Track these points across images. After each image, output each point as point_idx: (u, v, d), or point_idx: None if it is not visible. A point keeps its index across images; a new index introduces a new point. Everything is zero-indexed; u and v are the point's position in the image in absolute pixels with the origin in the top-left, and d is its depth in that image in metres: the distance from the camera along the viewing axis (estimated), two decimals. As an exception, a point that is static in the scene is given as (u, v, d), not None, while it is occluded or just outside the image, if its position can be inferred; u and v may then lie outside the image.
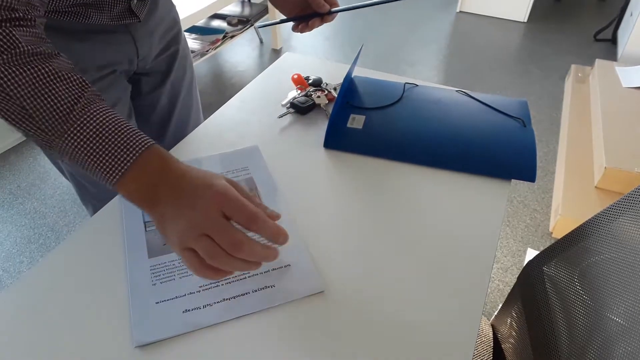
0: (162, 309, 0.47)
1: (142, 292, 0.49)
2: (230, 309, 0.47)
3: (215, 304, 0.48)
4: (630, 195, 0.51)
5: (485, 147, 0.68)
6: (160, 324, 0.46)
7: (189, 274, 0.51)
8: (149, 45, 0.78)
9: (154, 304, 0.48)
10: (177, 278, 0.50)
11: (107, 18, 0.67)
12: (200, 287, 0.49)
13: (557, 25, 3.31)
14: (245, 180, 0.64)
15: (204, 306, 0.47)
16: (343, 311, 0.48)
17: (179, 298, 0.48)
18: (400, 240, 0.56)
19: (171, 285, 0.50)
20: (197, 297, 0.48)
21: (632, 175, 1.60)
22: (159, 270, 0.51)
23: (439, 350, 0.44)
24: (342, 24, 3.32)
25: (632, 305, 0.47)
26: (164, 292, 0.49)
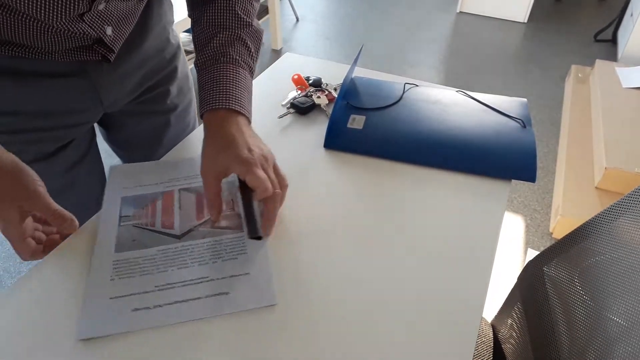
0: (113, 305, 0.47)
1: (99, 286, 0.48)
2: (179, 312, 0.47)
3: (166, 306, 0.47)
4: (630, 196, 0.51)
5: (485, 148, 0.68)
6: (107, 320, 0.45)
7: (149, 272, 0.50)
8: (119, 93, 0.67)
9: (108, 299, 0.47)
10: (137, 275, 0.50)
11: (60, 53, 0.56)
12: (156, 286, 0.49)
13: (557, 25, 3.31)
14: (226, 183, 0.59)
15: (154, 306, 0.47)
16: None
17: (134, 295, 0.48)
18: (400, 240, 0.56)
19: (129, 282, 0.49)
20: (151, 296, 0.48)
21: (632, 175, 1.60)
22: (121, 265, 0.51)
23: (439, 351, 0.44)
24: (343, 24, 3.32)
25: (633, 305, 0.47)
26: (120, 289, 0.48)
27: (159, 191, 0.60)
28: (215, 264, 0.51)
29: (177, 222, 0.56)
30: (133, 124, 0.76)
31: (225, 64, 0.58)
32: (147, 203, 0.58)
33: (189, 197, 0.59)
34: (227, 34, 0.60)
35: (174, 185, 0.61)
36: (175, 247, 0.53)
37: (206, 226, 0.56)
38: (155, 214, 0.57)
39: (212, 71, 0.58)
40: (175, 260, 0.52)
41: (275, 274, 0.51)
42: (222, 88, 0.56)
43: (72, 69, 0.59)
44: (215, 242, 0.54)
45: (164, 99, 0.76)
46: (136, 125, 0.76)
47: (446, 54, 2.93)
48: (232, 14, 0.61)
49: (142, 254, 0.52)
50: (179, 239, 0.54)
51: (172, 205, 0.58)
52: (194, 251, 0.53)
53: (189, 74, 0.82)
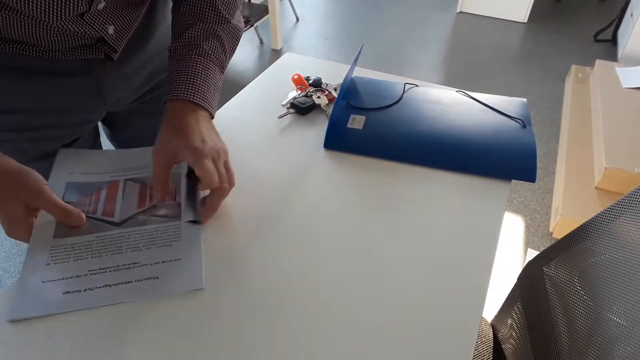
0: (45, 288, 0.48)
1: (34, 270, 0.49)
2: (108, 295, 0.48)
3: (97, 289, 0.48)
4: (630, 196, 0.51)
5: (485, 148, 0.68)
6: (37, 302, 0.46)
7: (84, 258, 0.51)
8: (123, 92, 0.67)
9: (40, 283, 0.48)
10: (71, 260, 0.51)
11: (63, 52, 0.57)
12: (89, 270, 0.50)
13: (557, 25, 3.31)
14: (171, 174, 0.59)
15: (84, 290, 0.48)
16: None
17: (66, 279, 0.49)
18: (400, 240, 0.56)
19: (63, 267, 0.50)
20: (83, 280, 0.49)
21: (632, 175, 1.60)
22: (58, 251, 0.51)
23: (439, 351, 0.44)
24: (342, 24, 3.32)
25: (633, 305, 0.47)
26: (54, 273, 0.49)
27: (105, 180, 0.60)
28: (148, 250, 0.52)
29: (117, 210, 0.57)
30: (137, 123, 0.76)
31: (196, 56, 0.59)
32: (92, 191, 0.59)
33: (133, 187, 0.60)
34: (204, 27, 0.60)
35: (120, 175, 0.61)
36: (112, 234, 0.54)
37: (145, 214, 0.57)
38: (98, 202, 0.57)
39: (183, 61, 0.58)
40: (111, 246, 0.53)
41: (272, 275, 0.51)
42: (188, 80, 0.57)
43: (76, 67, 0.59)
44: (152, 229, 0.55)
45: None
46: (140, 124, 0.76)
47: (446, 54, 2.94)
48: (212, 8, 0.61)
49: (79, 240, 0.53)
50: (118, 227, 0.55)
51: (116, 195, 0.59)
52: (130, 238, 0.54)
53: None
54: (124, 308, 0.47)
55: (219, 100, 0.62)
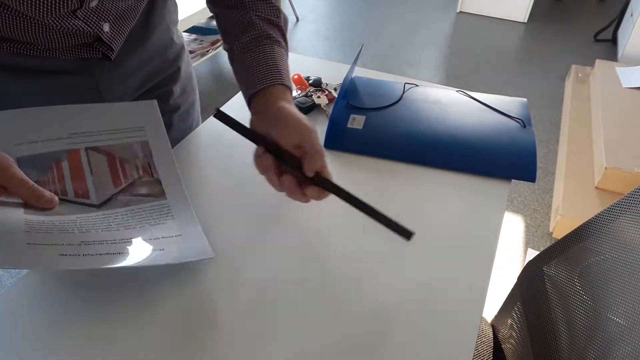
0: (33, 249, 0.42)
1: (11, 232, 0.43)
2: (115, 259, 0.44)
3: (98, 255, 0.44)
4: (630, 196, 0.51)
5: (485, 147, 0.68)
6: (30, 258, 0.42)
7: (70, 231, 0.46)
8: (121, 91, 0.66)
9: (25, 244, 0.42)
10: (55, 232, 0.45)
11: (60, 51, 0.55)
12: (82, 241, 0.45)
13: (557, 25, 3.31)
14: (139, 143, 0.56)
15: (83, 255, 0.43)
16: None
17: (57, 245, 0.43)
18: (400, 240, 0.56)
19: (48, 236, 0.44)
20: (77, 248, 0.44)
21: (632, 175, 1.60)
22: (35, 224, 0.45)
23: (439, 351, 0.44)
24: (342, 24, 3.32)
25: (633, 305, 0.47)
26: (39, 238, 0.43)
27: (61, 149, 0.52)
28: (142, 228, 0.49)
29: (92, 190, 0.51)
30: None
31: (271, 45, 0.59)
32: (49, 164, 0.51)
33: (100, 160, 0.53)
34: (264, 18, 0.60)
35: (78, 142, 0.53)
36: (95, 216, 0.49)
37: (125, 194, 0.52)
38: (63, 179, 0.50)
39: (260, 51, 0.58)
40: (98, 225, 0.47)
41: (272, 274, 0.51)
42: (278, 66, 0.57)
43: (74, 66, 0.59)
44: (139, 209, 0.51)
45: (167, 99, 0.75)
46: None
47: (446, 53, 2.94)
48: (263, 1, 0.61)
49: (58, 218, 0.47)
50: (98, 208, 0.50)
51: (82, 170, 0.52)
52: (117, 217, 0.49)
53: (192, 75, 0.82)
54: (123, 309, 0.47)
55: None
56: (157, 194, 0.54)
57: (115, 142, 0.55)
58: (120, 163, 0.54)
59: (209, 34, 2.44)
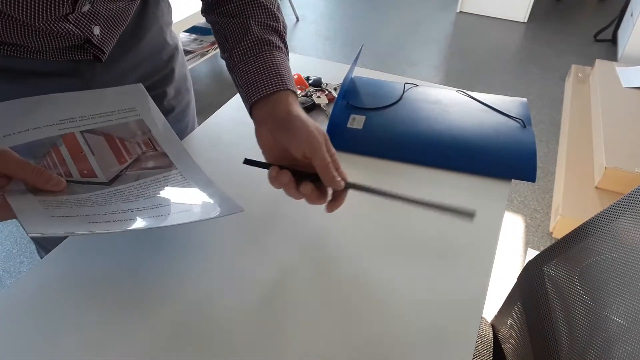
0: (59, 221, 0.40)
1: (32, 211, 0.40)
2: (144, 222, 0.43)
3: (127, 220, 0.42)
4: (630, 195, 0.51)
5: (485, 147, 0.68)
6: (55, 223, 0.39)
7: (89, 205, 0.43)
8: None
9: (50, 218, 0.40)
10: (74, 206, 0.43)
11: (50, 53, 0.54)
12: (105, 211, 0.43)
13: (557, 25, 3.31)
14: (135, 122, 0.55)
15: (113, 221, 0.42)
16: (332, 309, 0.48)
17: (82, 217, 0.41)
18: (399, 240, 0.56)
19: (69, 211, 0.42)
20: (104, 216, 0.42)
21: (632, 175, 1.60)
22: (51, 203, 0.43)
23: (439, 351, 0.44)
24: (342, 24, 3.32)
25: (632, 305, 0.47)
26: (62, 212, 0.41)
27: (55, 135, 0.49)
28: (161, 196, 0.47)
29: (98, 170, 0.49)
30: None
31: (271, 50, 0.57)
32: (47, 149, 0.48)
33: (97, 141, 0.51)
34: (263, 25, 0.59)
35: (69, 127, 0.51)
36: (109, 191, 0.47)
37: (133, 169, 0.50)
38: (64, 162, 0.48)
39: (260, 58, 0.57)
40: (116, 198, 0.45)
41: (272, 274, 0.51)
42: (279, 71, 0.55)
43: (65, 68, 0.58)
44: (152, 180, 0.50)
45: (161, 101, 0.75)
46: None
47: (446, 53, 2.93)
48: (261, 6, 0.60)
49: (74, 197, 0.44)
50: (109, 185, 0.48)
51: (82, 151, 0.50)
52: (132, 192, 0.47)
53: (187, 76, 0.81)
54: (123, 309, 0.47)
55: None
56: (166, 165, 0.52)
57: (109, 124, 0.53)
58: (119, 141, 0.53)
59: (209, 34, 2.44)
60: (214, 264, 0.52)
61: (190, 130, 0.86)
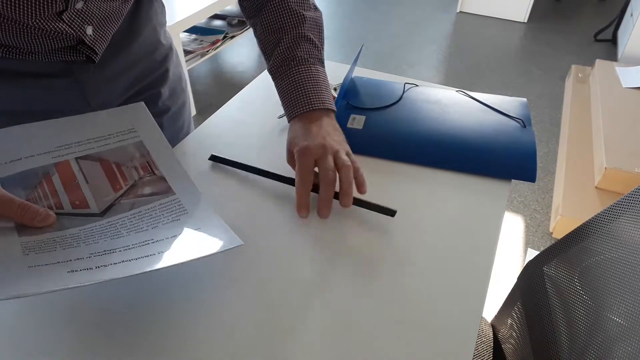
0: (37, 271, 0.38)
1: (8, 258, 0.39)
2: (134, 267, 0.39)
3: (111, 265, 0.40)
4: (630, 196, 0.51)
5: (485, 147, 0.68)
6: (36, 282, 0.37)
7: (75, 246, 0.42)
8: (107, 94, 0.65)
9: (27, 268, 0.38)
10: (59, 249, 0.41)
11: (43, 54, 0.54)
12: (91, 253, 0.41)
13: (557, 25, 3.31)
14: (134, 144, 0.53)
15: (96, 267, 0.39)
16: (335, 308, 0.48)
17: (62, 263, 0.39)
18: (399, 240, 0.56)
19: (52, 255, 0.40)
20: (88, 261, 0.40)
21: (632, 175, 1.60)
22: (34, 245, 0.41)
23: (439, 351, 0.44)
24: (343, 23, 3.32)
25: (632, 305, 0.47)
26: (41, 259, 0.40)
27: (47, 163, 0.48)
28: (155, 229, 0.44)
29: (90, 199, 0.47)
30: None
31: (296, 67, 0.61)
32: (38, 180, 0.47)
33: (92, 167, 0.50)
34: (291, 36, 0.62)
35: (65, 155, 0.50)
36: (100, 225, 0.45)
37: (128, 197, 0.48)
38: (55, 192, 0.46)
39: (287, 77, 0.61)
40: (105, 234, 0.43)
41: (272, 275, 0.51)
42: (300, 93, 0.60)
43: (58, 69, 0.57)
44: (147, 210, 0.47)
45: (156, 101, 0.75)
46: None
47: (446, 54, 2.93)
48: (289, 13, 0.63)
49: (59, 234, 0.43)
50: (101, 217, 0.46)
51: (75, 179, 0.48)
52: (125, 223, 0.45)
53: (182, 75, 0.81)
54: (123, 309, 0.47)
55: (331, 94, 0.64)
56: (164, 191, 0.50)
57: (106, 148, 0.52)
58: (116, 167, 0.51)
59: (209, 34, 2.44)
60: (214, 263, 0.52)
61: (186, 131, 0.85)
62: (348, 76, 0.77)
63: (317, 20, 0.66)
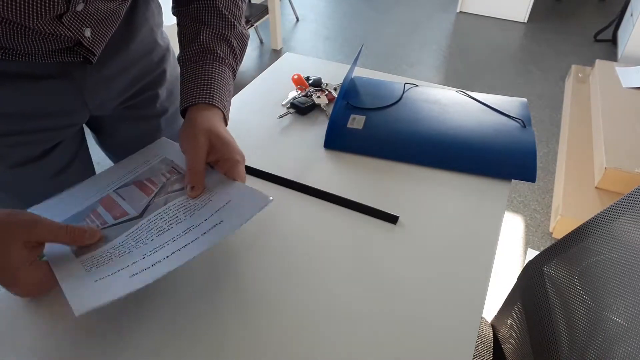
0: (103, 283, 0.43)
1: (76, 277, 0.44)
2: (182, 256, 0.44)
3: (165, 259, 0.44)
4: (630, 195, 0.51)
5: (485, 148, 0.68)
6: (101, 292, 0.42)
7: (127, 252, 0.46)
8: (105, 95, 0.65)
9: (93, 282, 0.43)
10: (114, 259, 0.46)
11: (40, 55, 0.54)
12: (143, 255, 0.45)
13: (557, 25, 3.31)
14: (160, 161, 0.60)
15: (152, 264, 0.44)
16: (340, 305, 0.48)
17: (122, 270, 0.44)
18: (400, 240, 0.56)
19: (110, 266, 0.45)
20: (143, 262, 0.44)
21: (632, 175, 1.60)
22: (91, 261, 0.46)
23: (439, 351, 0.44)
24: (342, 24, 3.32)
25: (632, 305, 0.47)
26: (102, 272, 0.44)
27: (93, 202, 0.55)
28: (192, 216, 0.49)
29: (129, 209, 0.53)
30: (124, 129, 0.74)
31: (211, 61, 0.59)
32: (86, 214, 0.53)
33: (128, 190, 0.56)
34: (213, 32, 0.61)
35: (106, 191, 0.57)
36: (142, 224, 0.50)
37: (160, 196, 0.54)
38: (99, 215, 0.53)
39: (199, 67, 0.59)
40: (149, 232, 0.48)
41: (272, 276, 0.51)
42: (207, 84, 0.57)
43: (55, 70, 0.57)
44: (180, 202, 0.52)
45: (153, 102, 0.74)
46: (127, 130, 0.75)
47: (446, 54, 2.93)
48: (217, 13, 0.61)
49: (109, 246, 0.48)
50: (141, 217, 0.51)
51: (115, 202, 0.54)
52: (163, 218, 0.50)
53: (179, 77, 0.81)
54: (122, 308, 0.47)
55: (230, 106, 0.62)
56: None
57: (138, 174, 0.59)
58: (147, 180, 0.57)
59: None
60: (215, 263, 0.52)
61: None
62: (348, 76, 0.77)
63: (243, 35, 0.65)
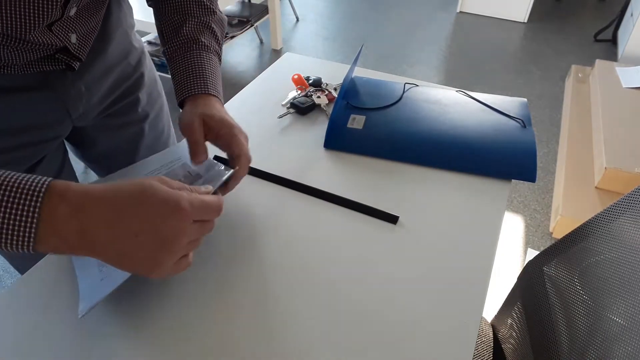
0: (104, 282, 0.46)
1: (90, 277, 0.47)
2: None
3: None
4: (630, 195, 0.51)
5: (485, 147, 0.68)
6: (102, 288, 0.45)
7: None
8: (87, 102, 0.64)
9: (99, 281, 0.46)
10: None
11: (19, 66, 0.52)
12: None
13: (557, 25, 3.31)
14: (180, 166, 0.61)
15: None
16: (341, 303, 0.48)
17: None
18: (400, 240, 0.56)
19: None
20: None
21: (632, 175, 1.60)
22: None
23: (439, 351, 0.44)
24: (342, 24, 3.32)
25: (632, 305, 0.47)
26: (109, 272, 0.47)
27: None
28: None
29: None
30: (107, 138, 0.73)
31: (198, 50, 0.60)
32: None
33: None
34: (196, 22, 0.61)
35: None
36: None
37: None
38: None
39: (187, 58, 0.59)
40: None
41: (272, 275, 0.51)
42: (200, 74, 0.58)
43: (34, 81, 0.55)
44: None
45: (135, 108, 0.74)
46: (110, 139, 0.73)
47: (446, 54, 2.93)
48: (196, 1, 0.62)
49: None
50: None
51: None
52: None
53: (157, 79, 0.80)
54: (122, 308, 0.47)
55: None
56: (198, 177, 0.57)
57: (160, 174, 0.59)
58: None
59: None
60: (214, 263, 0.52)
61: (166, 135, 0.84)
62: (348, 76, 0.77)
63: (223, 20, 0.66)
